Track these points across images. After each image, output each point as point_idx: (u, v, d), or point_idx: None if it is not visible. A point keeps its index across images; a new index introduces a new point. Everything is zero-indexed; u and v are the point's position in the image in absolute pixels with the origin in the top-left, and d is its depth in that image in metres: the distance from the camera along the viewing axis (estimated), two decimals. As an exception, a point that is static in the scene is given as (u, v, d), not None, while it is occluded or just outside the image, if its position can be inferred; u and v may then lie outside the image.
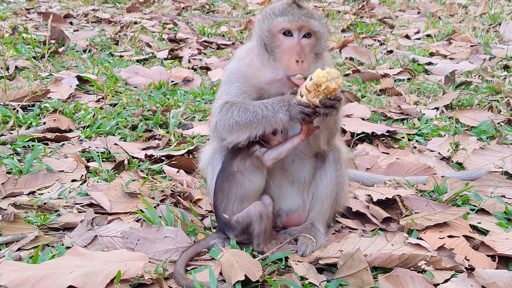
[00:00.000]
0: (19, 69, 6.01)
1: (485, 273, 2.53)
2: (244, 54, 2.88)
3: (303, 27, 2.65)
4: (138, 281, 2.51)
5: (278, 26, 2.66)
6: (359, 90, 5.69)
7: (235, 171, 2.76)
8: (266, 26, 2.70)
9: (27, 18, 8.74)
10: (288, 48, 2.65)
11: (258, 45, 2.74)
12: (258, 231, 2.74)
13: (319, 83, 2.46)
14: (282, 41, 2.67)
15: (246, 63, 2.83)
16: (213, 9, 10.19)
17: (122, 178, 3.60)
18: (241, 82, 2.80)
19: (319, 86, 2.47)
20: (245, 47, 2.94)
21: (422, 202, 3.33)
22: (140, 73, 5.88)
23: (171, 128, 4.48)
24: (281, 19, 2.66)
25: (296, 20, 2.64)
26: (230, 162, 2.80)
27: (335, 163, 2.95)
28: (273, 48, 2.68)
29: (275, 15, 2.69)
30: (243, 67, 2.82)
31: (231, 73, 2.86)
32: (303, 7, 2.73)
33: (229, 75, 2.87)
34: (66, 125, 4.46)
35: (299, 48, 2.63)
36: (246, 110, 2.64)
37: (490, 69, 6.32)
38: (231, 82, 2.83)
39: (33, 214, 3.14)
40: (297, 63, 2.61)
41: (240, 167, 2.76)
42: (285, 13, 2.67)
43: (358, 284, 2.50)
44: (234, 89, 2.80)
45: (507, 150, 4.00)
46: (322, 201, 2.94)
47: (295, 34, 2.66)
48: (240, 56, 2.90)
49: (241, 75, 2.81)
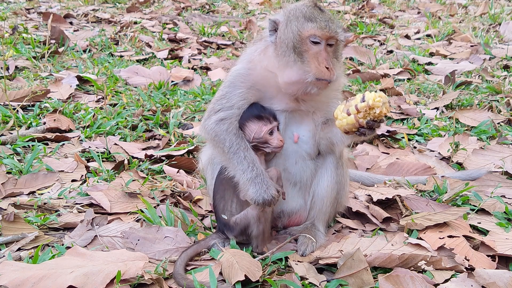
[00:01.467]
0: (19, 69, 6.01)
1: (485, 273, 2.53)
2: (257, 56, 2.86)
3: (331, 37, 2.71)
4: (138, 281, 2.51)
5: (308, 32, 2.68)
6: (359, 90, 5.69)
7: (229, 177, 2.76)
8: (296, 29, 2.70)
9: (27, 18, 8.73)
10: (316, 54, 2.68)
11: (282, 46, 2.72)
12: (256, 233, 2.74)
13: (373, 106, 2.51)
14: (310, 46, 2.69)
15: (257, 65, 2.82)
16: (213, 9, 10.19)
17: (122, 178, 3.60)
18: (245, 88, 2.80)
19: (372, 109, 2.51)
20: (257, 48, 2.89)
21: (422, 202, 3.33)
22: (140, 73, 5.88)
23: (171, 128, 4.48)
24: (312, 25, 2.69)
25: (327, 30, 2.68)
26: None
27: (336, 162, 2.96)
28: (301, 52, 2.69)
29: (305, 19, 2.71)
30: (254, 71, 2.82)
31: (237, 76, 2.84)
32: (324, 12, 2.78)
33: (235, 77, 2.85)
34: (66, 125, 4.46)
35: (326, 55, 2.69)
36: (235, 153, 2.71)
37: (490, 69, 6.32)
38: (235, 85, 2.82)
39: (33, 214, 3.14)
40: (327, 69, 2.66)
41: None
42: (315, 19, 2.70)
43: (358, 284, 2.51)
44: (236, 95, 2.80)
45: (507, 150, 4.00)
46: (322, 200, 2.95)
47: (323, 42, 2.69)
48: (251, 59, 2.87)
49: (248, 79, 2.81)
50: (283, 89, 2.77)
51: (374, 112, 2.51)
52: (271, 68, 2.77)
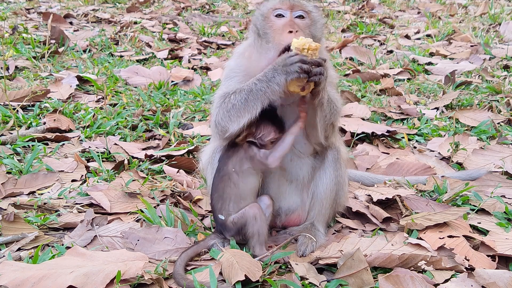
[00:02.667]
0: (19, 69, 6.01)
1: (485, 273, 2.53)
2: (242, 49, 2.91)
3: (294, 6, 2.67)
4: (138, 281, 2.51)
5: (270, 8, 2.69)
6: (359, 90, 5.69)
7: (231, 171, 2.75)
8: (260, 12, 2.75)
9: (27, 18, 8.73)
10: (281, 26, 2.65)
11: (253, 33, 2.77)
12: (251, 233, 2.73)
13: (300, 47, 2.48)
14: (274, 21, 2.68)
15: (245, 57, 2.85)
16: (213, 9, 10.19)
17: (122, 178, 3.60)
18: (240, 76, 2.80)
19: (302, 50, 2.49)
20: (244, 44, 2.97)
21: (422, 202, 3.33)
22: (140, 73, 5.88)
23: (171, 128, 4.48)
24: (272, 2, 2.70)
25: (287, 0, 2.65)
26: (225, 162, 2.79)
27: (335, 163, 2.95)
28: (265, 30, 2.68)
29: (268, 0, 2.74)
30: (243, 62, 2.84)
31: (230, 70, 2.88)
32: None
33: (228, 71, 2.89)
34: (66, 125, 4.46)
35: (291, 23, 2.64)
36: (241, 91, 2.63)
37: (490, 69, 6.32)
38: (230, 77, 2.85)
39: (33, 214, 3.14)
40: (290, 33, 2.59)
41: (237, 168, 2.75)
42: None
43: (358, 284, 2.50)
44: (234, 83, 2.80)
45: (507, 150, 4.00)
46: (321, 201, 2.94)
47: (287, 13, 2.66)
48: (239, 52, 2.93)
49: (240, 70, 2.82)
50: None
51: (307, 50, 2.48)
52: (254, 58, 2.79)
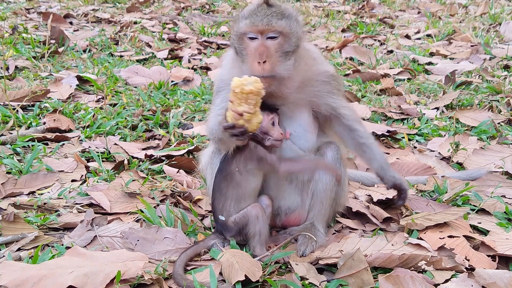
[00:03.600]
0: (19, 69, 6.00)
1: (486, 273, 2.52)
2: (229, 60, 2.92)
3: (264, 30, 2.62)
4: (138, 281, 2.51)
5: (242, 30, 2.66)
6: (359, 90, 5.69)
7: (234, 170, 2.75)
8: (234, 30, 2.72)
9: (27, 18, 8.73)
10: (253, 50, 2.64)
11: (232, 48, 2.79)
12: (253, 233, 2.73)
13: (233, 89, 2.46)
14: (248, 44, 2.66)
15: (232, 67, 2.85)
16: (213, 9, 10.19)
17: (122, 178, 3.60)
18: (225, 90, 2.81)
19: (236, 94, 2.46)
20: (230, 53, 2.94)
21: (422, 202, 3.33)
22: (140, 73, 5.88)
23: (171, 128, 4.48)
24: (244, 23, 2.65)
25: (258, 24, 2.61)
26: (229, 161, 2.78)
27: (335, 163, 2.94)
28: (241, 51, 2.69)
29: (242, 18, 2.69)
30: (227, 74, 2.85)
31: (218, 82, 2.95)
32: (273, 6, 2.68)
33: (218, 83, 2.95)
34: (66, 125, 4.46)
35: (261, 49, 2.61)
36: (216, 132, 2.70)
37: (491, 69, 6.32)
38: (218, 91, 2.91)
39: (33, 214, 3.14)
40: (259, 64, 2.59)
41: (241, 167, 2.74)
42: (250, 16, 2.65)
43: (358, 284, 2.50)
44: (220, 99, 2.87)
45: (507, 150, 4.00)
46: (321, 201, 2.94)
47: (259, 36, 2.64)
48: (226, 63, 2.95)
49: (225, 83, 2.84)
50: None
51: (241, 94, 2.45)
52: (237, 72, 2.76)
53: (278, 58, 2.63)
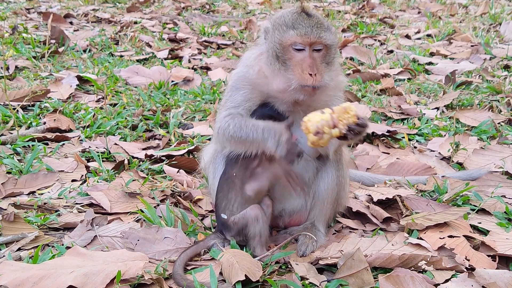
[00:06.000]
0: (19, 69, 6.00)
1: (486, 273, 2.52)
2: (252, 61, 2.86)
3: (314, 43, 2.65)
4: (138, 281, 2.51)
5: (289, 40, 2.65)
6: (360, 90, 5.69)
7: (234, 176, 2.77)
8: (277, 39, 2.68)
9: (27, 18, 8.73)
10: (300, 61, 2.65)
11: (269, 55, 2.73)
12: (253, 234, 2.73)
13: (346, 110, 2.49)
14: (294, 54, 2.66)
15: (255, 70, 2.82)
16: (213, 9, 10.19)
17: (122, 178, 3.60)
18: (247, 89, 2.80)
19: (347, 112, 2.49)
20: (253, 54, 2.91)
21: (423, 202, 3.32)
22: (140, 73, 5.88)
23: (171, 128, 4.48)
24: (293, 33, 2.64)
25: (308, 36, 2.62)
26: (231, 166, 2.81)
27: (336, 163, 2.95)
28: (285, 60, 2.67)
29: (287, 27, 2.67)
30: (251, 75, 2.82)
31: (238, 79, 2.86)
32: (312, 16, 2.70)
33: (236, 80, 2.87)
34: (66, 125, 4.46)
35: (311, 62, 2.64)
36: (241, 129, 2.68)
37: (491, 69, 6.32)
38: (237, 88, 2.84)
39: (33, 214, 3.14)
40: (311, 75, 2.62)
41: (240, 174, 2.76)
42: (296, 26, 2.65)
43: (359, 284, 2.50)
44: (240, 96, 2.81)
45: (507, 150, 4.00)
46: (322, 201, 2.94)
47: (306, 48, 2.65)
48: (249, 63, 2.88)
49: (248, 82, 2.81)
50: (277, 97, 2.77)
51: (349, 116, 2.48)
52: (265, 73, 2.77)
53: (324, 69, 2.68)
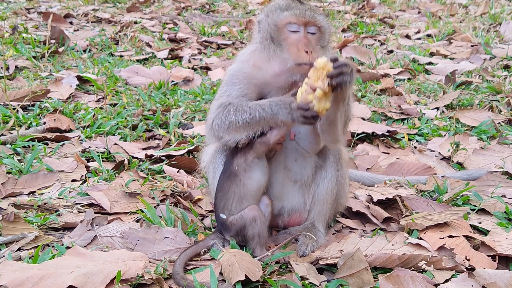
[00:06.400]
0: (19, 69, 6.00)
1: (486, 273, 2.52)
2: (247, 56, 2.90)
3: (308, 22, 2.72)
4: (138, 281, 2.51)
5: (284, 20, 2.72)
6: (360, 90, 5.69)
7: (235, 170, 2.77)
8: (272, 20, 2.76)
9: (27, 18, 8.73)
10: (295, 41, 2.71)
11: (264, 39, 2.79)
12: (251, 235, 2.73)
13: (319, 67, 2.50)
14: (289, 35, 2.72)
15: (249, 65, 2.85)
16: (213, 9, 10.19)
17: (122, 178, 3.60)
18: (243, 84, 2.82)
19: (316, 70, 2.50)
20: (247, 49, 2.96)
21: (423, 202, 3.32)
22: (140, 73, 5.88)
23: (171, 128, 4.48)
24: (287, 14, 2.73)
25: (302, 16, 2.71)
26: (231, 162, 2.81)
27: (336, 163, 2.95)
28: (280, 41, 2.73)
29: (281, 10, 2.76)
30: (247, 69, 2.85)
31: (233, 74, 2.88)
32: (305, 3, 2.81)
33: (231, 76, 2.88)
34: (66, 125, 4.46)
35: (306, 41, 2.70)
36: (243, 112, 2.67)
37: (491, 69, 6.32)
38: (233, 83, 2.85)
39: (33, 214, 3.14)
40: (307, 53, 2.67)
41: (242, 163, 2.76)
42: (291, 8, 2.74)
43: (359, 284, 2.50)
44: (236, 90, 2.82)
45: (507, 150, 4.00)
46: (322, 201, 2.94)
47: (301, 29, 2.72)
48: (244, 59, 2.91)
49: (244, 77, 2.83)
50: (273, 83, 2.78)
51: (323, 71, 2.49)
52: (259, 64, 2.80)
53: (319, 51, 2.73)
